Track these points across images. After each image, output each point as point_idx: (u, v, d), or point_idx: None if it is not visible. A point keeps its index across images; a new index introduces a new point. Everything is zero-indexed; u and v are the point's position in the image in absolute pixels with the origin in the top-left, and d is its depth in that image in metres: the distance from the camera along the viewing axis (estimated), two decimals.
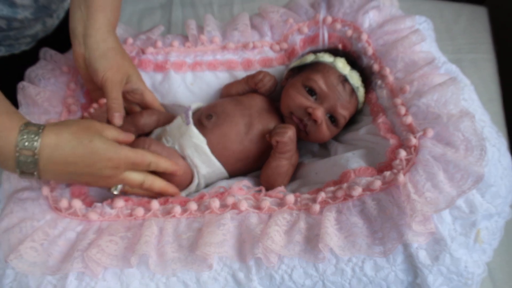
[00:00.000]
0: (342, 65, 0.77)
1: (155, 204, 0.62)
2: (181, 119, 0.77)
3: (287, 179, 0.76)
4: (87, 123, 0.64)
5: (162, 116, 0.83)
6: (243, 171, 0.79)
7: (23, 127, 0.58)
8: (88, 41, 0.73)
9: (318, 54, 0.81)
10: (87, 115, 0.78)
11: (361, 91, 0.78)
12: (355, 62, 0.80)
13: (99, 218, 0.61)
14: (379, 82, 0.76)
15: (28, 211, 0.61)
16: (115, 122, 0.72)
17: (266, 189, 0.68)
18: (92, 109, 0.78)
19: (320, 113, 0.74)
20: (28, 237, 0.57)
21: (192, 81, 0.87)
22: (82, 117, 0.78)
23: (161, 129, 0.81)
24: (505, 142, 0.66)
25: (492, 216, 0.62)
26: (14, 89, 0.76)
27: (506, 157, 0.65)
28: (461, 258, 0.57)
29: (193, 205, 0.61)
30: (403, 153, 0.61)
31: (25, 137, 0.57)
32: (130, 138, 0.69)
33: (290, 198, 0.61)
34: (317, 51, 0.83)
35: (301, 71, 0.80)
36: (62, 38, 0.94)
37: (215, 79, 0.88)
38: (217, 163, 0.75)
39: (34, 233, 0.58)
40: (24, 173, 0.59)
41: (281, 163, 0.74)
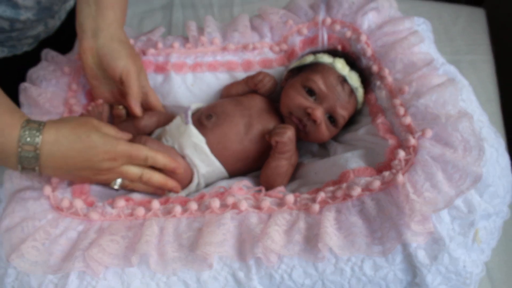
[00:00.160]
0: (341, 66, 0.77)
1: (155, 204, 0.62)
2: (181, 119, 0.78)
3: (287, 179, 0.76)
4: (86, 119, 0.65)
5: (162, 116, 0.83)
6: (243, 171, 0.79)
7: (24, 123, 0.60)
8: (100, 34, 0.73)
9: (317, 55, 0.81)
10: (85, 112, 0.78)
11: (360, 92, 0.78)
12: (354, 63, 0.80)
13: (100, 217, 0.62)
14: (378, 83, 0.76)
15: (30, 210, 0.61)
16: (136, 111, 0.74)
17: (266, 189, 0.68)
18: (90, 107, 0.79)
19: (319, 113, 0.74)
20: (29, 236, 0.58)
21: (193, 82, 0.87)
22: (81, 115, 0.78)
23: (161, 129, 0.81)
24: (503, 142, 0.67)
25: (490, 216, 0.62)
26: (16, 89, 0.76)
27: (504, 157, 0.65)
28: (459, 258, 0.57)
29: (193, 205, 0.61)
30: (402, 153, 0.61)
31: (27, 133, 0.59)
32: (127, 137, 0.70)
33: (290, 198, 0.61)
34: (316, 52, 0.83)
35: (300, 72, 0.80)
36: (63, 39, 0.94)
37: (215, 80, 0.88)
38: (216, 162, 0.75)
39: (36, 232, 0.58)
40: (25, 168, 0.61)
41: (281, 163, 0.74)
